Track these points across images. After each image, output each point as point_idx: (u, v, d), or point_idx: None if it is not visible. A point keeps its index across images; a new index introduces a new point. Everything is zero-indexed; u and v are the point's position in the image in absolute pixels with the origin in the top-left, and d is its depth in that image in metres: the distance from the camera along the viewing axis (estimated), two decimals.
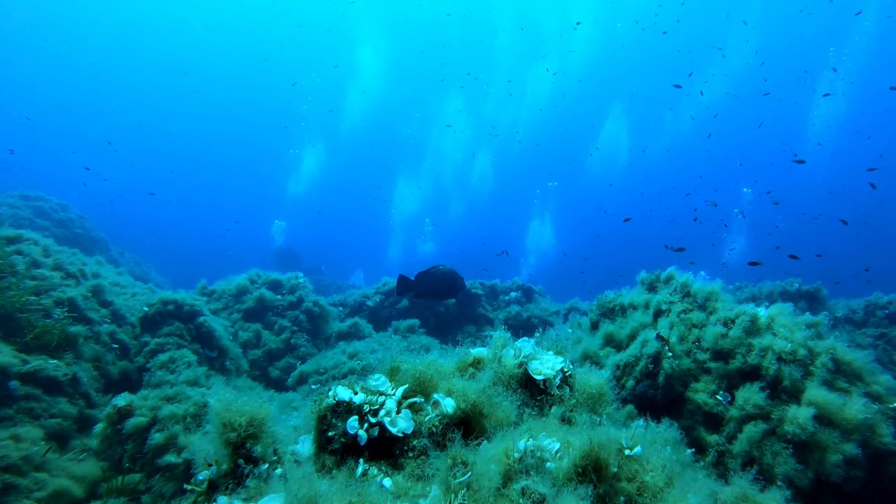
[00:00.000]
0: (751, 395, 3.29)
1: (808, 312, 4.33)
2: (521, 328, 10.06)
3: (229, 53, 52.20)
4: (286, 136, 43.98)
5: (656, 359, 3.67)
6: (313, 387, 6.99)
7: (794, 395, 3.27)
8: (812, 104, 32.61)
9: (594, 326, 4.86)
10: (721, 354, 3.66)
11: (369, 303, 10.16)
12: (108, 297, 6.95)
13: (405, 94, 46.30)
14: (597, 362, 4.26)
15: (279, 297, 8.76)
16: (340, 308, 10.27)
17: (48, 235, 7.74)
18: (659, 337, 3.76)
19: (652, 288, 4.86)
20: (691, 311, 4.16)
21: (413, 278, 6.90)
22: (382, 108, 46.14)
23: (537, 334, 2.52)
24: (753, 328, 3.63)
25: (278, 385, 7.72)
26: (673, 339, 3.76)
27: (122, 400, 4.47)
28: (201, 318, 6.57)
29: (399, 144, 46.49)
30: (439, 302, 9.68)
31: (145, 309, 6.53)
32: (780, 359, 3.42)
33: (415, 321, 8.74)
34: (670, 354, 3.67)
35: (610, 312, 4.82)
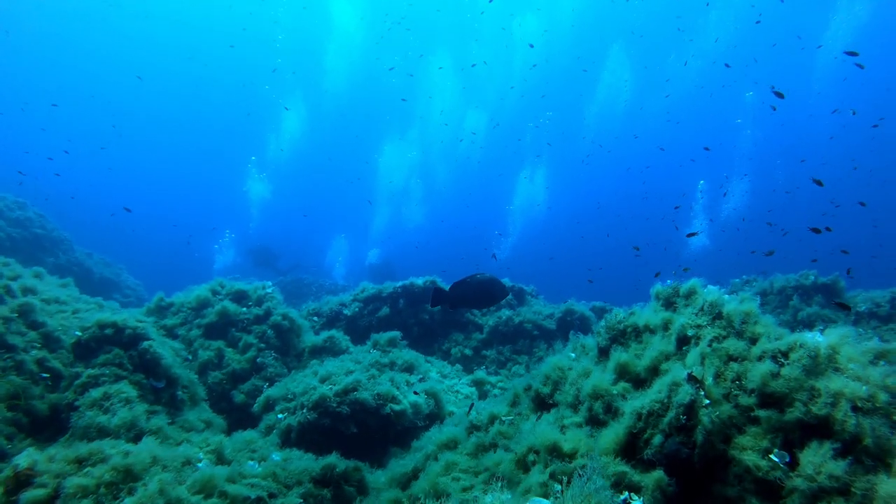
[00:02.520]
0: (822, 461, 2.50)
1: (858, 327, 3.56)
2: (513, 335, 9.26)
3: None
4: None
5: (690, 409, 2.86)
6: (280, 416, 6.14)
7: (881, 460, 2.49)
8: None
9: (603, 353, 4.06)
10: (772, 399, 2.87)
11: (346, 311, 9.30)
12: (38, 317, 6.05)
13: (388, 50, 44.81)
14: (610, 403, 3.46)
15: (244, 309, 7.87)
16: (315, 318, 9.40)
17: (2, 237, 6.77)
18: (691, 378, 2.96)
19: (669, 304, 4.07)
20: (726, 337, 3.36)
21: (448, 289, 6.10)
22: (364, 67, 44.91)
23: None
24: (815, 365, 2.83)
25: (243, 411, 6.86)
26: (709, 381, 2.96)
27: (24, 459, 3.59)
28: (145, 344, 5.68)
29: (384, 107, 45.45)
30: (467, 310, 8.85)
31: (77, 333, 5.62)
32: (855, 407, 2.63)
33: (396, 333, 7.90)
34: (707, 402, 2.87)
35: (621, 335, 4.01)
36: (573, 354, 4.36)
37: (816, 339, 3.01)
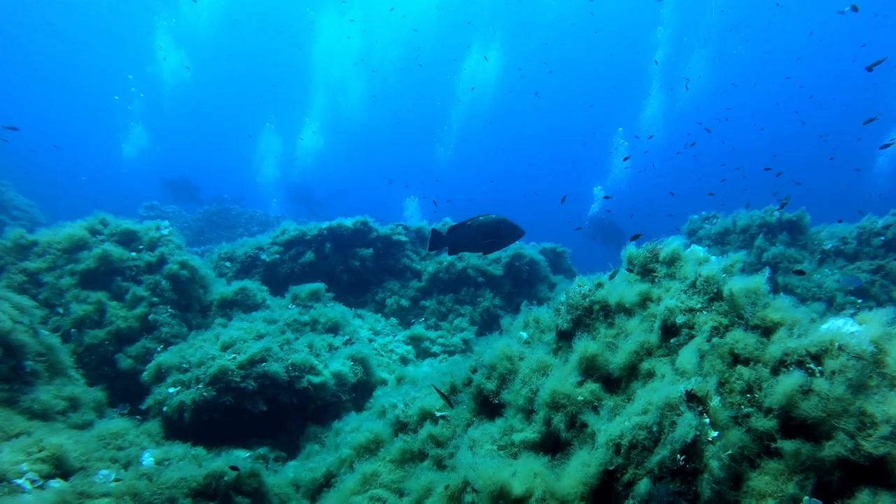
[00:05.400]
0: None
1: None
2: (455, 282, 8.39)
3: None
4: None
5: (693, 448, 2.02)
6: (171, 390, 5.07)
7: None
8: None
9: (564, 337, 3.18)
10: (801, 424, 2.06)
11: (264, 257, 8.09)
12: None
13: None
14: (574, 415, 2.60)
15: (133, 254, 6.55)
16: (227, 264, 8.15)
17: None
18: (692, 398, 2.11)
19: (646, 272, 3.20)
20: (729, 328, 2.52)
21: (446, 233, 5.02)
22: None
23: None
24: (863, 377, 2.03)
25: (130, 378, 5.73)
26: (715, 401, 2.12)
27: None
28: None
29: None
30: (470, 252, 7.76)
31: None
32: None
33: (319, 286, 6.83)
34: (715, 435, 2.03)
35: (587, 315, 3.13)
36: (525, 334, 3.47)
37: (852, 329, 2.21)
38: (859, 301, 7.04)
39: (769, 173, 10.77)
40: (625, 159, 15.29)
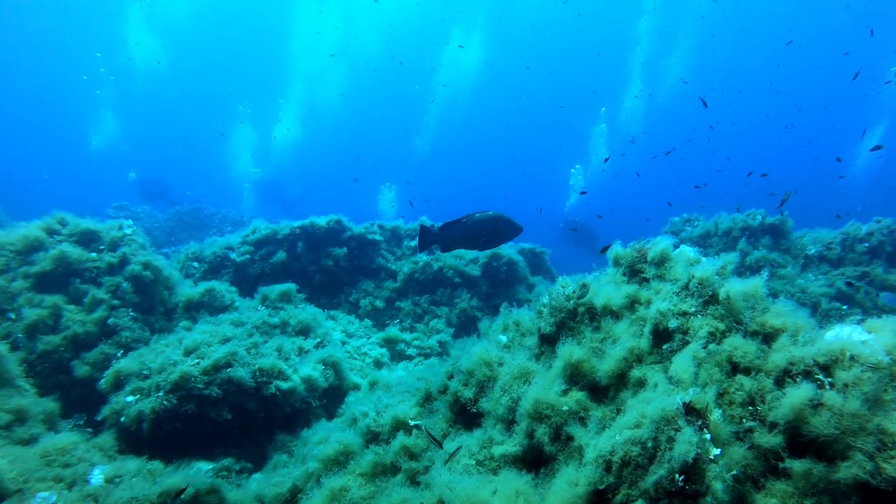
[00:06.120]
0: None
1: None
2: (432, 283, 8.17)
3: None
4: None
5: (693, 469, 1.84)
6: (129, 399, 4.75)
7: None
8: None
9: (546, 342, 2.98)
10: (811, 442, 1.90)
11: (234, 256, 7.75)
12: None
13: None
14: (559, 427, 2.41)
15: (93, 255, 6.17)
16: (195, 265, 7.80)
17: None
18: (690, 411, 1.93)
19: (634, 273, 3.03)
20: (726, 333, 2.35)
21: (438, 229, 4.74)
22: None
23: None
24: (879, 392, 1.87)
25: (87, 387, 5.37)
26: (716, 414, 1.94)
27: None
28: None
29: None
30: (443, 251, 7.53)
31: None
32: None
33: (290, 286, 6.54)
34: (717, 454, 1.85)
35: (571, 318, 2.94)
36: (504, 338, 3.27)
37: (862, 338, 2.05)
38: (844, 308, 7.03)
39: (750, 176, 10.78)
40: (605, 160, 15.20)
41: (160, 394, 4.62)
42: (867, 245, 7.66)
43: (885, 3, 31.10)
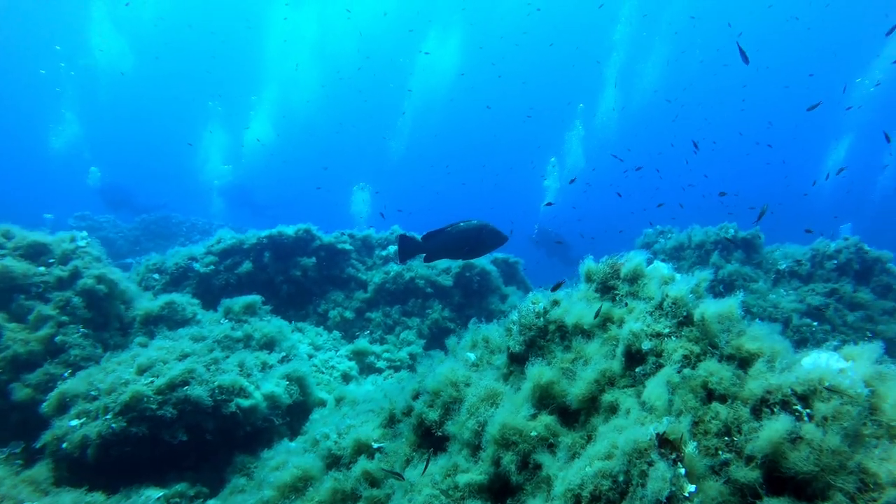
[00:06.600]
0: None
1: None
2: (403, 293, 7.99)
3: None
4: None
5: None
6: (73, 423, 4.44)
7: None
8: None
9: (515, 361, 2.84)
10: (789, 478, 1.78)
11: (198, 267, 7.44)
12: None
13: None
14: (528, 454, 2.26)
15: (41, 269, 5.84)
16: (156, 276, 7.47)
17: None
18: (664, 443, 1.80)
19: (606, 290, 2.91)
20: (701, 357, 2.24)
21: (421, 238, 4.53)
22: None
23: None
24: (858, 426, 1.77)
25: (27, 411, 5.02)
26: (690, 447, 1.82)
27: None
28: None
29: None
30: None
31: None
32: None
33: (255, 298, 6.28)
34: (693, 490, 1.73)
35: (541, 336, 2.80)
36: (472, 356, 3.12)
37: (839, 366, 1.95)
38: (815, 324, 7.09)
39: (720, 191, 10.86)
40: (571, 181, 15.27)
41: (108, 416, 4.32)
42: (835, 262, 7.77)
43: (845, 25, 32.30)
